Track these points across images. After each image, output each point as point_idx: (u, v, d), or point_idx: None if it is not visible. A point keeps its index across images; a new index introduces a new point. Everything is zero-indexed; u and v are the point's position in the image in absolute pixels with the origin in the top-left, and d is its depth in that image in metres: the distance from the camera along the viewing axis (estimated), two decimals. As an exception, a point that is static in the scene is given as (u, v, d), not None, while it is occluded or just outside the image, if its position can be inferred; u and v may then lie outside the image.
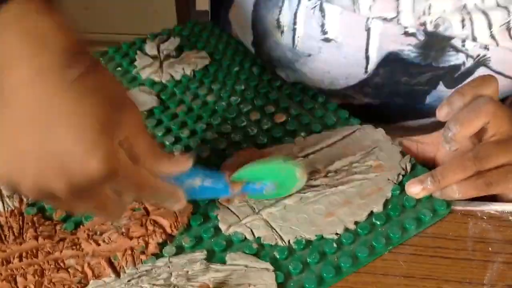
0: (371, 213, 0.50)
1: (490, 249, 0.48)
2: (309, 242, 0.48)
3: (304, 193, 0.51)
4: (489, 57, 0.59)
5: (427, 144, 0.55)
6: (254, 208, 0.51)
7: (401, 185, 0.52)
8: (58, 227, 0.49)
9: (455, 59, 0.59)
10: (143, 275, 0.45)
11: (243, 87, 0.65)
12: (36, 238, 0.47)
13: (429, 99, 0.64)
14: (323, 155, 0.55)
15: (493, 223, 0.50)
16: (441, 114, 0.50)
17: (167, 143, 0.58)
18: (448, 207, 0.50)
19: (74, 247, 0.47)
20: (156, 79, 0.67)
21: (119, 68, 0.69)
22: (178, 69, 0.68)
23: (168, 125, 0.61)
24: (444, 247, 0.48)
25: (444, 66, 0.60)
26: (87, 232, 0.48)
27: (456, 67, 0.60)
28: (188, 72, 0.67)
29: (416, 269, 0.47)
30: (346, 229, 0.49)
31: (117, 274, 0.45)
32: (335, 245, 0.47)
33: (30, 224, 0.49)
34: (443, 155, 0.53)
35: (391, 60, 0.60)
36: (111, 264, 0.46)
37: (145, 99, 0.63)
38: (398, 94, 0.64)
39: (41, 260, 0.46)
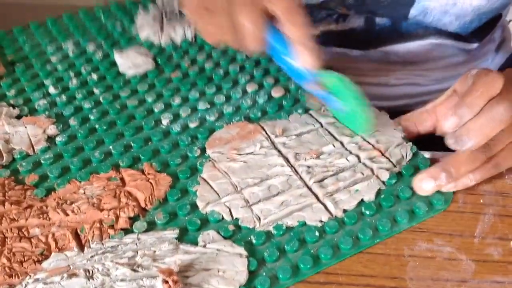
0: (362, 201, 0.46)
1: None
2: (289, 228, 0.45)
3: (291, 175, 0.48)
4: None
5: (424, 120, 0.52)
6: (236, 186, 0.47)
7: (398, 174, 0.48)
8: (28, 193, 0.47)
9: None
10: (108, 252, 0.42)
11: (244, 56, 0.61)
12: (3, 203, 0.45)
13: (412, 12, 0.62)
14: (318, 134, 0.52)
15: None
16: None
17: (156, 110, 0.55)
18: (446, 203, 0.47)
19: (41, 215, 0.44)
20: (156, 41, 0.64)
21: (119, 27, 0.66)
22: (179, 29, 0.64)
23: (160, 91, 0.57)
24: (435, 199, 0.47)
25: None
26: (57, 201, 0.46)
27: None
28: (189, 34, 0.64)
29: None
30: (332, 217, 0.45)
31: (81, 248, 0.43)
32: (317, 233, 0.44)
33: (-1, 187, 0.47)
34: (446, 126, 0.49)
35: None
36: (76, 236, 0.43)
37: (140, 61, 0.60)
38: (380, 6, 0.62)
39: (4, 227, 0.43)
